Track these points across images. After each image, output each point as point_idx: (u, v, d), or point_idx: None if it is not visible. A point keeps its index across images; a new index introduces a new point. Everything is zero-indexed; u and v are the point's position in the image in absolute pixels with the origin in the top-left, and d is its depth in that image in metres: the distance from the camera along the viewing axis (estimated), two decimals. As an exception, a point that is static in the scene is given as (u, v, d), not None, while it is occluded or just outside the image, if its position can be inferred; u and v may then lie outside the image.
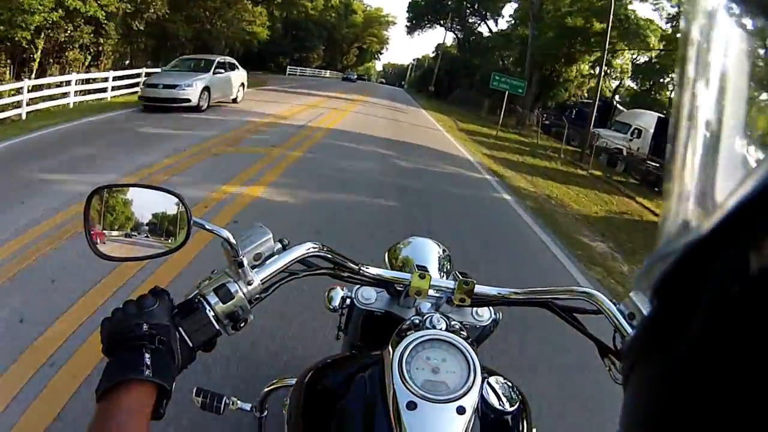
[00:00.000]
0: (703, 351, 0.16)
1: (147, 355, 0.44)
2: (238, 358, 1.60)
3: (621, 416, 0.21)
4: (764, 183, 0.14)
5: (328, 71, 39.90)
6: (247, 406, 0.79)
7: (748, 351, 0.14)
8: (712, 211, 0.17)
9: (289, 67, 29.29)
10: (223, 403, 0.74)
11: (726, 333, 0.15)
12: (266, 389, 0.82)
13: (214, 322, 0.49)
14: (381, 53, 66.28)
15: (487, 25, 29.88)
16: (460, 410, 0.48)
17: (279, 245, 0.54)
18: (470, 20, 31.14)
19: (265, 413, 0.83)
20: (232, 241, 0.49)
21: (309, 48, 35.80)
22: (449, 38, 34.94)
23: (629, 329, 0.52)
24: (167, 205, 0.51)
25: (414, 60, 77.09)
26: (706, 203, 0.20)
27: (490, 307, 0.70)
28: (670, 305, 0.19)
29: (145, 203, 0.51)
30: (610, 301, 0.56)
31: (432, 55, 50.94)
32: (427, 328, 0.55)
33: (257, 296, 0.52)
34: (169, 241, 0.51)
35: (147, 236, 0.51)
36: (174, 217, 0.51)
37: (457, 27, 32.20)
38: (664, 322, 0.19)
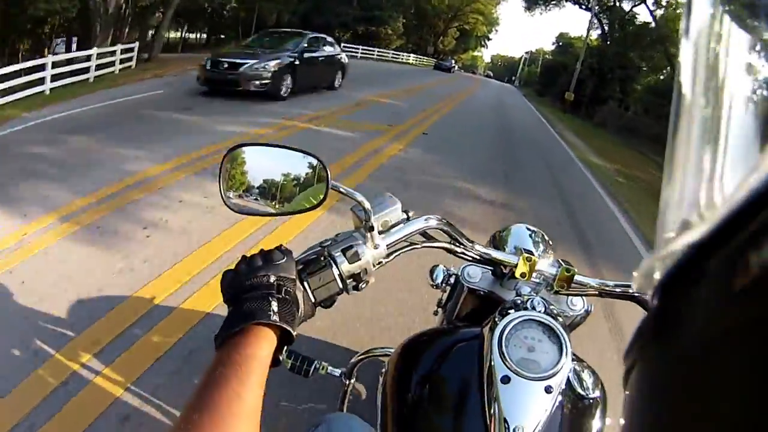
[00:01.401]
0: (704, 352, 0.21)
1: (274, 303, 0.61)
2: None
3: (621, 416, 0.27)
4: (764, 182, 0.18)
5: (413, 56, 36.84)
6: (337, 372, 1.06)
7: (748, 352, 0.18)
8: (712, 211, 0.22)
9: (343, 45, 23.60)
10: (312, 366, 1.00)
11: (726, 333, 0.19)
12: (357, 358, 1.09)
13: (339, 281, 0.71)
14: (489, 39, 64.70)
15: (647, 5, 26.08)
16: (548, 389, 0.69)
17: (404, 215, 0.78)
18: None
19: (353, 381, 1.10)
20: (367, 206, 0.71)
21: (379, 20, 31.27)
22: (584, 23, 31.77)
23: None
24: (305, 165, 0.73)
25: (527, 53, 78.25)
26: (706, 203, 0.24)
27: (584, 299, 0.92)
28: (670, 305, 0.25)
29: (284, 162, 0.74)
30: None
31: (553, 47, 49.88)
32: (528, 310, 0.76)
33: (380, 261, 0.75)
34: (305, 200, 0.73)
35: (282, 194, 0.74)
36: (311, 177, 0.73)
37: (599, 8, 28.71)
38: (665, 322, 0.25)
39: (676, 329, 0.23)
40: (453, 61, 39.56)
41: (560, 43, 48.63)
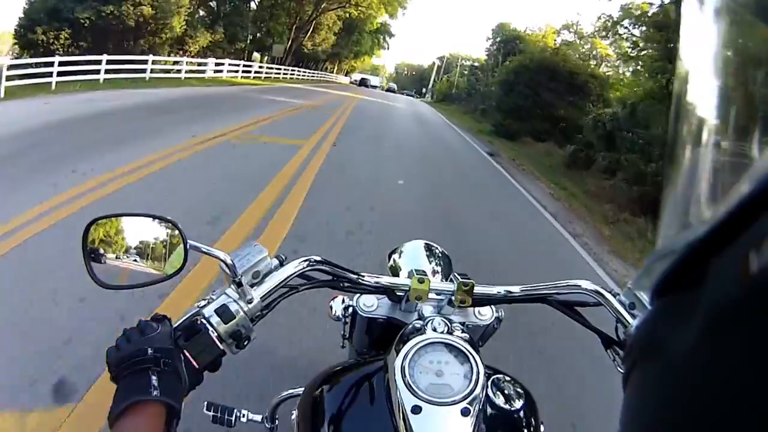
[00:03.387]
0: (703, 351, 0.30)
1: (153, 377, 0.88)
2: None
3: (621, 416, 0.38)
4: (764, 183, 0.25)
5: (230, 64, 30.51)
6: (258, 418, 1.45)
7: (747, 352, 0.25)
8: (711, 212, 0.31)
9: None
10: (234, 416, 1.38)
11: (726, 333, 0.28)
12: (276, 400, 1.49)
13: (218, 342, 1.01)
14: (390, 35, 62.33)
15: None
16: (465, 412, 0.99)
17: (276, 261, 1.12)
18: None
19: (276, 424, 1.50)
20: (229, 262, 1.03)
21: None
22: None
23: (630, 319, 1.06)
24: (164, 231, 1.08)
25: (439, 58, 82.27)
26: (705, 203, 0.35)
27: (492, 306, 1.31)
28: (670, 305, 0.36)
29: (143, 231, 1.08)
30: (610, 292, 1.13)
31: (489, 44, 45.61)
32: (428, 332, 1.09)
33: (258, 314, 1.08)
34: (168, 266, 1.07)
35: (146, 263, 1.08)
36: (171, 243, 1.08)
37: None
38: (665, 322, 0.36)
39: (677, 330, 0.33)
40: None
41: (500, 39, 45.81)
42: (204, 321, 1.03)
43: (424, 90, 79.79)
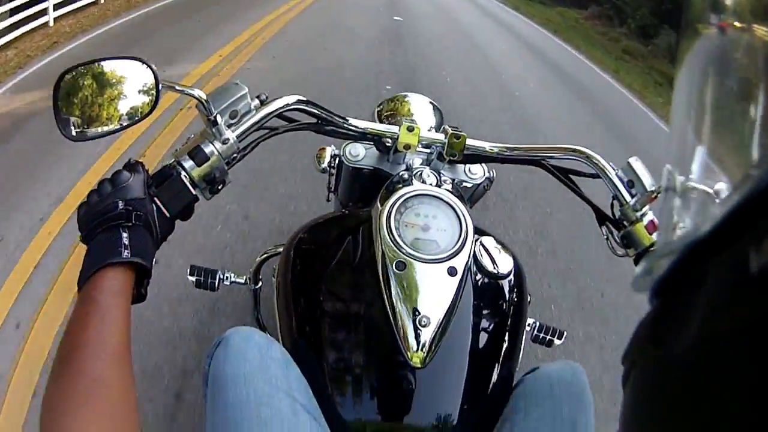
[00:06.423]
0: (703, 351, 0.29)
1: (124, 235, 0.85)
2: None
3: (621, 416, 0.38)
4: (764, 182, 0.25)
5: None
6: (242, 279, 1.42)
7: (747, 351, 0.26)
8: (712, 211, 0.31)
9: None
10: (217, 278, 1.36)
11: (726, 333, 0.28)
12: (258, 259, 1.46)
13: (190, 187, 0.97)
14: None
15: None
16: (452, 271, 0.94)
17: (257, 101, 1.04)
18: None
19: (260, 284, 1.48)
20: (204, 98, 0.96)
21: None
22: None
23: (628, 197, 1.00)
24: (137, 73, 1.01)
25: None
26: (706, 202, 0.35)
27: (484, 165, 1.25)
28: (670, 305, 0.36)
29: (115, 75, 1.02)
30: (610, 165, 1.04)
31: None
32: (416, 184, 1.03)
33: (234, 156, 1.01)
34: (139, 110, 1.01)
35: (119, 108, 1.02)
36: (144, 84, 1.01)
37: None
38: (664, 322, 0.36)
39: (676, 330, 0.33)
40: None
41: None
42: (177, 165, 0.98)
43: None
